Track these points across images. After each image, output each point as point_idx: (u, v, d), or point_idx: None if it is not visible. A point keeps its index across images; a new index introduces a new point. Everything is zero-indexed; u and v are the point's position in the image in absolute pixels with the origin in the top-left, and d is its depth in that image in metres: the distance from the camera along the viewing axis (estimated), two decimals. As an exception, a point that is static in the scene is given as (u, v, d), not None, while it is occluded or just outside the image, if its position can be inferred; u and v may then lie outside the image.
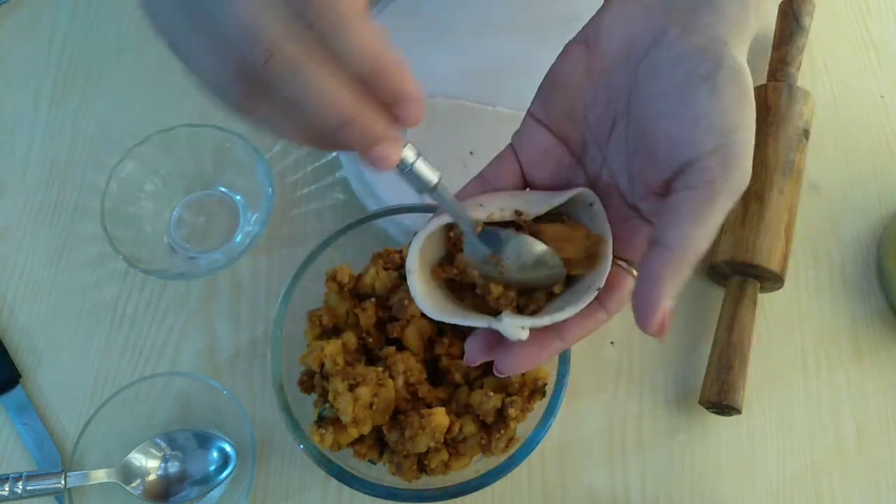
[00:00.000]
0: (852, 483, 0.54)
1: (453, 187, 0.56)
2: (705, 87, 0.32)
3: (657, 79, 0.33)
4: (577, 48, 0.37)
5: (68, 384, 0.56)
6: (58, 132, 0.64)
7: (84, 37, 0.67)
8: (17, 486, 0.48)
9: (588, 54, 0.36)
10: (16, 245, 0.60)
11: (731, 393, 0.52)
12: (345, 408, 0.44)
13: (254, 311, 0.58)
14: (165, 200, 0.60)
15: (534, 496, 0.53)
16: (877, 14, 0.70)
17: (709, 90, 0.31)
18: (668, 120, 0.32)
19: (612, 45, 0.35)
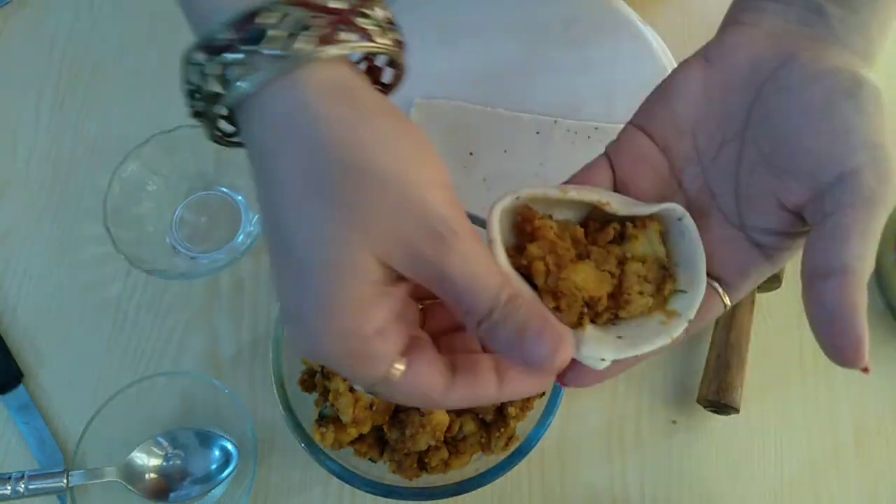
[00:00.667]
0: (850, 482, 0.54)
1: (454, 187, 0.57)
2: (850, 102, 0.31)
3: (792, 97, 0.33)
4: (696, 64, 0.36)
5: (70, 383, 0.56)
6: (60, 133, 0.64)
7: (86, 38, 0.67)
8: (19, 485, 0.49)
9: (708, 71, 0.36)
10: (18, 245, 0.60)
11: (729, 392, 0.53)
12: (345, 408, 0.44)
13: (255, 311, 0.58)
14: (167, 201, 0.60)
15: (533, 494, 0.53)
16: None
17: (854, 106, 0.31)
18: (813, 136, 0.32)
19: (735, 64, 0.35)
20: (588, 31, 0.61)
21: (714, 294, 0.34)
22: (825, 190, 0.31)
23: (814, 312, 0.30)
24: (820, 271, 0.30)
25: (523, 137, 0.58)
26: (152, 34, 0.67)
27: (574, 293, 0.32)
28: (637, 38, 0.61)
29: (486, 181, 0.58)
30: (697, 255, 0.34)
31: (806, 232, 0.33)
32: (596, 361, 0.31)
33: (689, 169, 0.36)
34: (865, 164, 0.30)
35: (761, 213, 0.34)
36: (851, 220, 0.30)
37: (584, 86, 0.60)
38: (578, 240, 0.34)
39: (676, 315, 0.33)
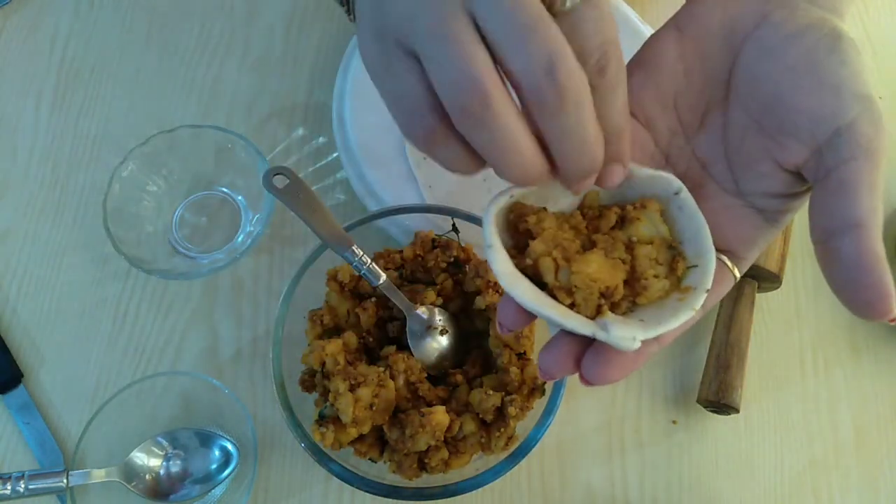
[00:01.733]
0: (850, 481, 0.54)
1: (453, 188, 0.57)
2: (834, 56, 0.31)
3: (773, 57, 0.32)
4: (668, 34, 0.36)
5: (70, 383, 0.56)
6: (60, 133, 0.64)
7: (86, 38, 0.67)
8: (19, 484, 0.49)
9: (681, 40, 0.35)
10: (18, 245, 0.60)
11: (729, 392, 0.53)
12: (345, 408, 0.44)
13: (255, 311, 0.58)
14: (167, 201, 0.60)
15: (533, 494, 0.53)
16: (875, 14, 0.70)
17: (838, 60, 0.31)
18: (805, 93, 0.31)
19: (707, 31, 0.35)
20: (588, 31, 0.61)
21: (723, 267, 0.34)
22: (823, 146, 0.31)
23: (834, 272, 0.29)
24: (833, 229, 0.29)
25: (523, 137, 0.58)
26: (152, 34, 0.67)
27: (589, 285, 0.31)
28: (637, 37, 0.61)
29: (486, 181, 0.58)
30: (700, 226, 0.33)
31: (805, 191, 0.33)
32: (629, 341, 0.29)
33: (675, 142, 0.36)
34: (860, 115, 0.30)
35: (759, 176, 0.33)
36: (856, 173, 0.30)
37: (584, 86, 0.59)
38: (579, 229, 0.33)
39: (692, 290, 0.32)
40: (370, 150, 0.58)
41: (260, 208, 0.58)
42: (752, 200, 0.34)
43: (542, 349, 0.32)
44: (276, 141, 0.63)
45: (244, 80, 0.66)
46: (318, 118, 0.64)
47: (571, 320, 0.30)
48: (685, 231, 0.33)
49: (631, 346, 0.29)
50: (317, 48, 0.67)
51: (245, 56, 0.67)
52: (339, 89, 0.60)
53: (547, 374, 0.32)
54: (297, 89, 0.65)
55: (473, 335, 0.52)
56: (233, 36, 0.67)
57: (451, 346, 0.50)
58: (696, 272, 0.32)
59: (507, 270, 0.31)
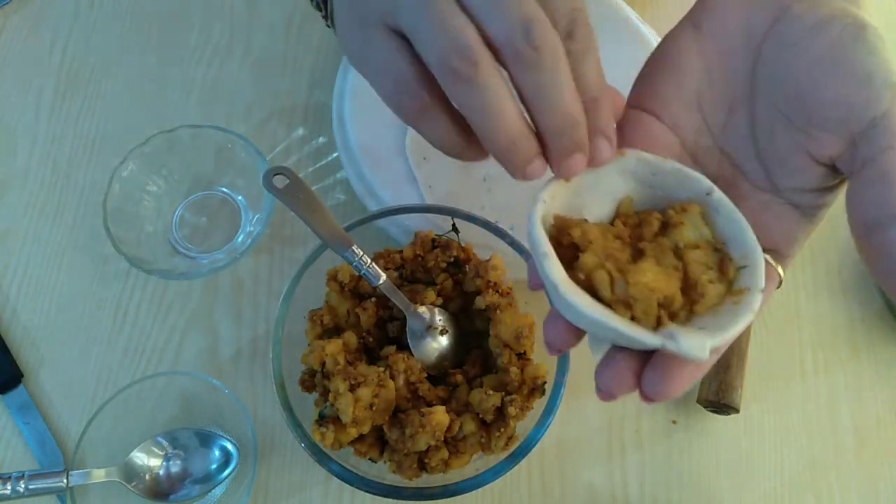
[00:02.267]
0: (850, 482, 0.54)
1: (453, 188, 0.57)
2: (861, 46, 0.31)
3: (798, 50, 0.32)
4: (685, 32, 0.35)
5: (70, 383, 0.56)
6: (60, 133, 0.64)
7: (86, 38, 0.67)
8: (19, 484, 0.49)
9: (699, 38, 0.34)
10: (18, 245, 0.60)
11: (729, 392, 0.53)
12: (345, 408, 0.44)
13: (255, 311, 0.58)
14: (167, 201, 0.60)
15: (533, 494, 0.53)
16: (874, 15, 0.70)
17: (866, 49, 0.31)
18: (835, 84, 0.31)
19: (726, 27, 0.34)
20: (588, 31, 0.61)
21: (768, 266, 0.32)
22: (858, 137, 0.30)
23: (881, 263, 0.29)
24: (878, 220, 0.29)
25: (523, 137, 0.58)
26: (152, 34, 0.67)
27: (648, 296, 0.29)
28: (637, 37, 0.61)
29: (486, 181, 0.58)
30: (742, 226, 0.32)
31: (839, 184, 0.32)
32: (700, 350, 0.28)
33: (701, 142, 0.35)
34: (893, 104, 0.30)
35: (793, 171, 0.32)
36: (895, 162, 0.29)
37: (584, 86, 0.59)
38: (623, 238, 0.32)
39: (746, 291, 0.31)
40: (370, 150, 0.58)
41: (260, 208, 0.58)
42: (788, 196, 0.33)
43: (599, 368, 0.31)
44: (276, 141, 0.63)
45: (244, 80, 0.66)
46: (318, 118, 0.64)
47: (637, 331, 0.28)
48: (727, 232, 0.32)
49: (702, 355, 0.28)
50: (317, 48, 0.67)
51: (245, 56, 0.67)
52: (339, 89, 0.60)
53: (608, 395, 0.30)
54: (297, 89, 0.65)
55: (473, 335, 0.52)
56: (233, 36, 0.67)
57: (451, 346, 0.50)
58: (745, 273, 0.31)
59: (566, 282, 0.29)
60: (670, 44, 0.35)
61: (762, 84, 0.33)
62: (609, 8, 0.62)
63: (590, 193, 0.33)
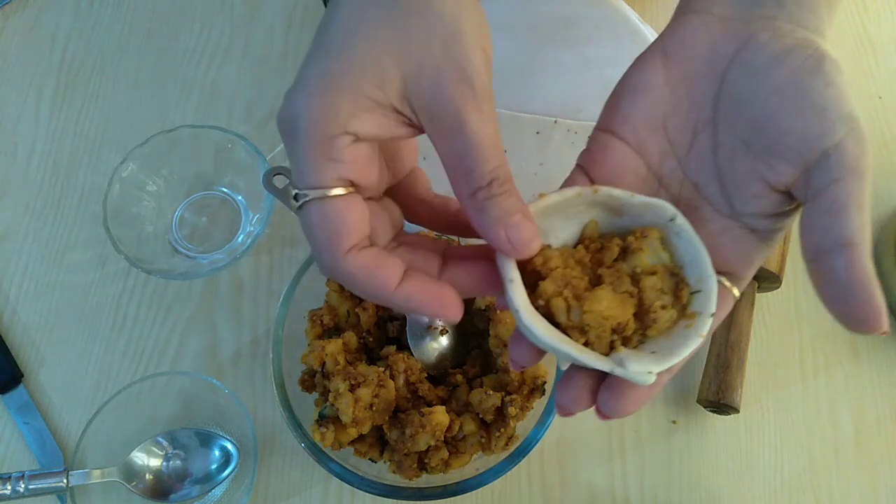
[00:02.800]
0: (850, 482, 0.54)
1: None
2: (819, 78, 0.32)
3: (760, 78, 0.33)
4: (654, 57, 0.36)
5: (70, 383, 0.56)
6: (60, 133, 0.64)
7: (86, 38, 0.67)
8: (19, 484, 0.49)
9: (667, 63, 0.36)
10: (18, 245, 0.60)
11: (729, 392, 0.53)
12: (345, 408, 0.44)
13: (255, 311, 0.58)
14: (167, 201, 0.60)
15: (533, 494, 0.53)
16: (875, 15, 0.70)
17: (824, 81, 0.32)
18: (792, 115, 0.32)
19: (693, 53, 0.35)
20: (588, 31, 0.61)
21: (723, 288, 0.34)
22: (812, 167, 0.31)
23: (827, 289, 0.30)
24: (826, 248, 0.30)
25: (523, 137, 0.58)
26: (152, 34, 0.67)
27: (602, 323, 0.31)
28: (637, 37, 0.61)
29: (486, 181, 0.58)
30: (699, 251, 0.33)
31: (795, 209, 0.33)
32: (646, 376, 0.30)
33: (667, 165, 0.36)
34: (846, 136, 0.31)
35: (751, 197, 0.34)
36: (845, 192, 0.30)
37: (584, 86, 0.59)
38: (584, 263, 0.34)
39: (697, 315, 0.33)
40: (370, 150, 0.58)
41: (260, 208, 0.58)
42: (746, 220, 0.34)
43: (559, 385, 0.33)
44: (276, 141, 0.63)
45: (244, 80, 0.66)
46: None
47: (588, 357, 0.31)
48: (685, 256, 0.34)
49: (647, 380, 0.30)
50: (317, 48, 0.67)
51: (245, 56, 0.67)
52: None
53: (565, 411, 0.32)
54: (297, 89, 0.65)
55: (473, 335, 0.52)
56: (233, 36, 0.67)
57: (451, 346, 0.50)
58: (699, 297, 0.33)
59: (527, 307, 0.31)
60: (638, 68, 0.36)
61: (725, 110, 0.34)
62: (609, 8, 0.62)
63: (558, 217, 0.34)
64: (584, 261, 0.34)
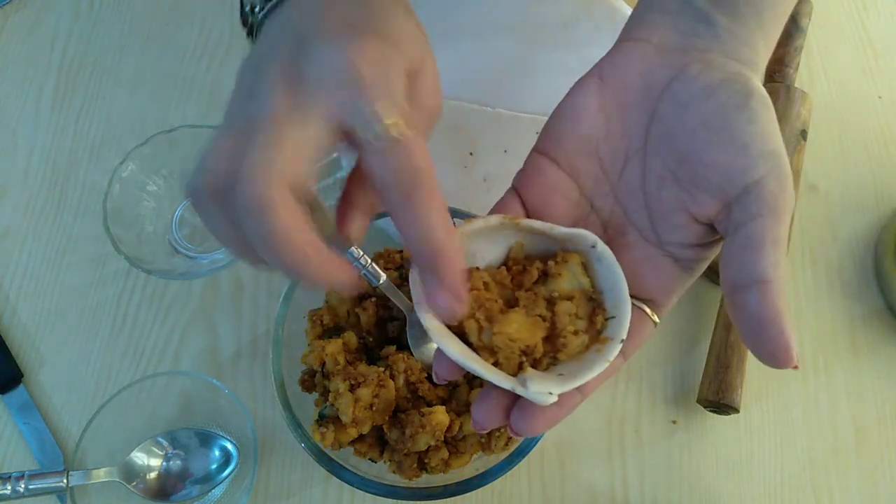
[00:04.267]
0: (850, 482, 0.54)
1: (453, 188, 0.57)
2: (744, 115, 0.33)
3: (688, 111, 0.34)
4: (590, 82, 0.37)
5: (70, 383, 0.56)
6: (60, 133, 0.64)
7: (86, 38, 0.67)
8: (19, 484, 0.49)
9: (602, 89, 0.36)
10: (18, 245, 0.60)
11: (729, 392, 0.53)
12: (345, 408, 0.44)
13: (255, 311, 0.58)
14: (167, 201, 0.60)
15: (533, 494, 0.53)
16: (874, 15, 0.70)
17: (748, 118, 0.32)
18: (715, 149, 0.33)
19: (627, 81, 0.36)
20: (589, 32, 0.61)
21: (643, 314, 0.35)
22: (733, 201, 0.32)
23: (741, 322, 0.31)
24: (740, 283, 0.31)
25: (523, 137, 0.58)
26: (152, 34, 0.67)
27: (510, 345, 0.32)
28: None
29: (486, 181, 0.58)
30: (618, 278, 0.34)
31: (717, 241, 0.34)
32: (545, 396, 0.31)
33: (599, 190, 0.37)
34: (767, 173, 0.32)
35: (675, 227, 0.34)
36: (761, 230, 0.31)
37: (584, 86, 0.60)
38: (505, 284, 0.35)
39: (609, 340, 0.33)
40: (370, 150, 0.58)
41: (260, 208, 0.58)
42: (671, 250, 0.35)
43: (475, 402, 0.34)
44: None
45: (244, 80, 0.65)
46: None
47: (494, 375, 0.32)
48: (605, 281, 0.35)
49: (547, 400, 0.31)
50: (317, 48, 0.67)
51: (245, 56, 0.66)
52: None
53: (478, 426, 0.34)
54: (297, 89, 0.65)
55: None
56: (233, 36, 0.67)
57: None
58: (613, 323, 0.34)
59: (437, 326, 0.32)
60: (575, 92, 0.37)
61: (655, 139, 0.35)
62: (610, 8, 0.62)
63: (484, 240, 0.35)
64: (504, 282, 0.35)
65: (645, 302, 0.35)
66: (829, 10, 0.70)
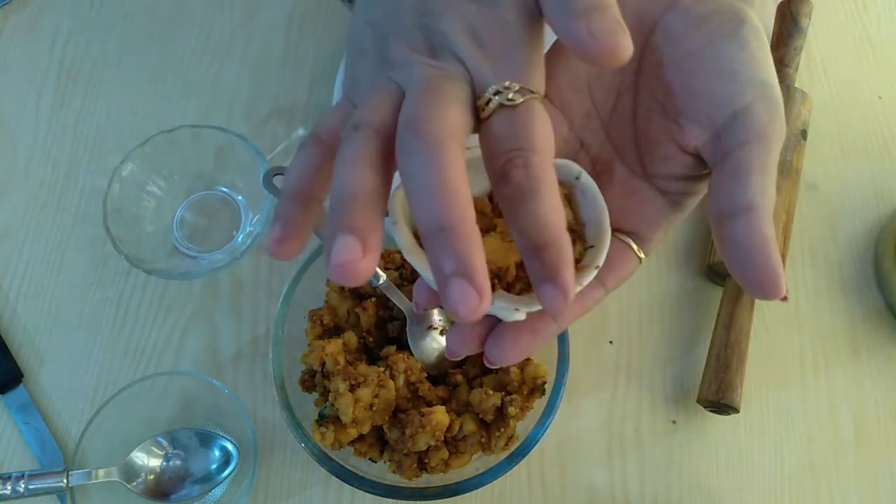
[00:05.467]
0: (850, 482, 0.54)
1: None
2: (734, 42, 0.32)
3: (678, 41, 0.33)
4: None
5: (70, 383, 0.56)
6: (60, 133, 0.64)
7: (86, 38, 0.67)
8: (19, 484, 0.49)
9: None
10: (18, 245, 0.60)
11: (729, 392, 0.53)
12: (345, 408, 0.45)
13: (255, 311, 0.58)
14: (167, 201, 0.60)
15: (533, 494, 0.53)
16: (875, 15, 0.70)
17: (738, 45, 0.32)
18: (703, 77, 0.32)
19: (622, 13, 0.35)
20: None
21: (628, 249, 0.35)
22: (721, 129, 0.32)
23: (728, 252, 0.30)
24: (727, 211, 0.30)
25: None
26: (152, 34, 0.67)
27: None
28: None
29: (486, 181, 0.58)
30: (601, 210, 0.34)
31: (706, 174, 0.34)
32: (511, 312, 0.31)
33: (589, 125, 0.36)
34: (755, 100, 0.31)
35: (663, 158, 0.34)
36: (749, 156, 0.31)
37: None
38: (485, 214, 0.35)
39: (585, 268, 0.33)
40: (370, 150, 0.58)
41: (260, 208, 0.58)
42: (658, 183, 0.35)
43: (449, 330, 0.33)
44: (276, 141, 0.63)
45: (244, 80, 0.66)
46: (317, 118, 0.64)
47: None
48: (588, 213, 0.35)
49: (512, 315, 0.31)
50: (317, 48, 0.67)
51: (245, 56, 0.67)
52: (339, 89, 0.60)
53: (452, 353, 0.33)
54: (297, 89, 0.65)
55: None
56: (233, 36, 0.67)
57: None
58: (591, 252, 0.34)
59: (409, 243, 0.32)
60: None
61: (645, 72, 0.35)
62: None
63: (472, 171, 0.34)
64: (485, 210, 0.35)
65: (630, 235, 0.35)
66: (829, 10, 0.70)
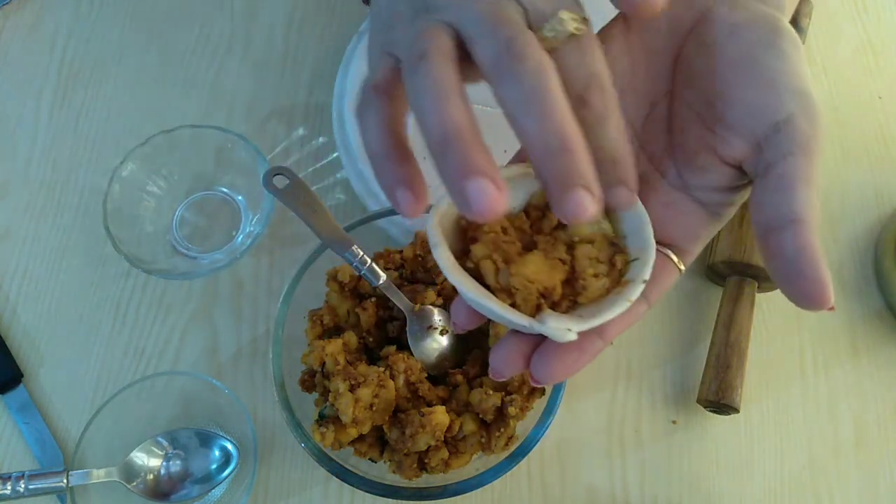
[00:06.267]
0: (850, 482, 0.54)
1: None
2: (772, 52, 0.32)
3: (714, 51, 0.33)
4: (616, 28, 0.36)
5: (70, 383, 0.56)
6: (60, 133, 0.64)
7: (86, 38, 0.67)
8: (19, 484, 0.49)
9: (627, 34, 0.36)
10: (18, 245, 0.60)
11: (729, 392, 0.53)
12: (345, 408, 0.45)
13: (255, 311, 0.58)
14: (167, 201, 0.60)
15: (533, 494, 0.53)
16: (874, 15, 0.70)
17: (776, 55, 0.32)
18: (742, 87, 0.32)
19: (653, 26, 0.35)
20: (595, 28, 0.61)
21: (668, 261, 0.34)
22: (763, 141, 0.31)
23: (775, 264, 0.30)
24: (774, 224, 0.30)
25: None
26: (152, 34, 0.68)
27: (527, 286, 0.32)
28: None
29: (486, 181, 0.58)
30: (642, 221, 0.34)
31: (747, 185, 0.33)
32: (563, 332, 0.30)
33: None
34: (797, 111, 0.31)
35: (702, 170, 0.34)
36: (794, 168, 0.30)
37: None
38: (524, 230, 0.34)
39: (630, 282, 0.33)
40: (370, 150, 0.58)
41: (260, 208, 0.58)
42: (696, 194, 0.34)
43: (493, 348, 0.33)
44: (276, 141, 0.63)
45: (244, 80, 0.66)
46: (318, 118, 0.64)
47: (511, 314, 0.31)
48: (628, 225, 0.34)
49: (565, 336, 0.30)
50: (317, 48, 0.67)
51: (245, 56, 0.67)
52: (339, 89, 0.60)
53: (497, 373, 0.32)
54: (297, 89, 0.65)
55: (473, 335, 0.52)
56: (233, 36, 0.67)
57: (451, 346, 0.50)
58: (636, 265, 0.33)
59: (452, 265, 0.32)
60: (600, 38, 0.36)
61: (681, 83, 0.35)
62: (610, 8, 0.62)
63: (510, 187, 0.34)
64: (523, 227, 0.34)
65: (669, 248, 0.35)
66: (829, 10, 0.70)
